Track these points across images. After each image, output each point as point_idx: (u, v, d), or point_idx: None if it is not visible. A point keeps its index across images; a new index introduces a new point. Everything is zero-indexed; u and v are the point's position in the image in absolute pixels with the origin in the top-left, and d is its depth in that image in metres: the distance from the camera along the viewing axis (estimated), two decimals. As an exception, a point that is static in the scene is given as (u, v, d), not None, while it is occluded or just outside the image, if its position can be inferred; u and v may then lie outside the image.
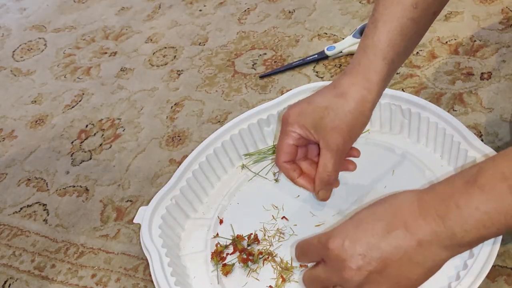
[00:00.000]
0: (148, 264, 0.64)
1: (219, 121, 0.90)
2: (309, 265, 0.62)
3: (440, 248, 0.44)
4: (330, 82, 0.61)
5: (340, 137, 0.58)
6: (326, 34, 1.01)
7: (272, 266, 0.65)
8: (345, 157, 0.63)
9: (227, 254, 0.67)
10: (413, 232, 0.45)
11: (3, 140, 1.01)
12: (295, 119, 0.60)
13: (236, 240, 0.68)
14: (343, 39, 0.96)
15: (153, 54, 1.10)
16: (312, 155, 0.65)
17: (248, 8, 1.14)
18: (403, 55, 0.60)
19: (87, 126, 0.98)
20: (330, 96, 0.59)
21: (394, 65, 0.59)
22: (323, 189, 0.62)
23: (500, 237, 0.56)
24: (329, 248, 0.47)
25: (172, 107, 0.96)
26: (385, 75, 0.58)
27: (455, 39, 0.90)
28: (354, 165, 0.65)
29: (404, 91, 0.81)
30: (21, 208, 0.87)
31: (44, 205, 0.86)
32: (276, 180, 0.75)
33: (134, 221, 0.69)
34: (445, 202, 0.44)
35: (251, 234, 0.68)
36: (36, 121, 1.03)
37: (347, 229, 0.48)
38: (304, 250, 0.53)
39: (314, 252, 0.51)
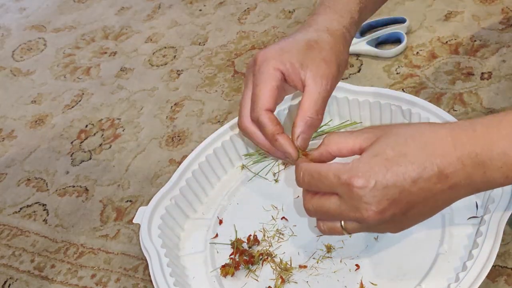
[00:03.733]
0: (148, 264, 0.64)
1: (219, 121, 0.90)
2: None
3: (470, 191, 0.44)
4: None
5: (330, 70, 0.52)
6: (326, 34, 1.01)
7: (271, 266, 0.65)
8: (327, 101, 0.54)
9: (231, 258, 0.67)
10: (448, 175, 0.43)
11: (3, 140, 1.01)
12: (276, 56, 0.52)
13: (237, 243, 0.67)
14: (343, 39, 0.96)
15: (153, 54, 1.10)
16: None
17: (248, 8, 1.14)
18: (375, 3, 0.59)
19: (87, 126, 0.98)
20: (312, 32, 0.54)
21: (365, 11, 0.58)
22: (304, 133, 0.53)
23: (500, 237, 0.56)
24: (353, 186, 0.44)
25: (172, 107, 0.96)
26: (358, 20, 0.57)
27: (455, 39, 0.89)
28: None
29: (404, 91, 0.81)
30: (21, 208, 0.87)
31: (44, 205, 0.86)
32: (276, 181, 0.75)
33: (134, 221, 0.69)
34: (488, 147, 0.42)
35: (250, 235, 0.68)
36: (36, 121, 1.03)
37: (374, 169, 0.44)
38: (314, 181, 0.47)
39: (328, 186, 0.46)
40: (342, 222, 0.48)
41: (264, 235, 0.68)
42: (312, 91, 0.52)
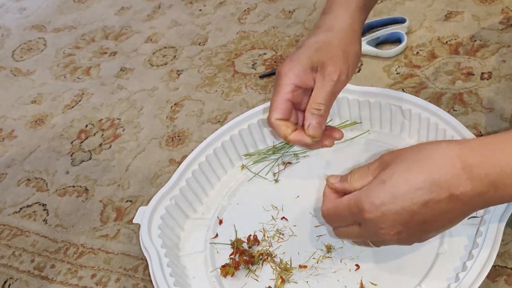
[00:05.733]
0: (148, 264, 0.64)
1: (219, 121, 0.90)
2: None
3: (484, 205, 0.46)
4: None
5: (337, 67, 0.57)
6: (326, 34, 1.01)
7: (271, 266, 0.65)
8: (337, 94, 0.60)
9: (231, 258, 0.67)
10: (458, 196, 0.45)
11: (3, 140, 1.01)
12: (288, 70, 0.58)
13: (237, 243, 0.67)
14: (343, 39, 0.96)
15: (153, 54, 1.10)
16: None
17: (248, 8, 1.14)
18: None
19: (87, 126, 0.98)
20: (319, 34, 0.59)
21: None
22: (313, 123, 0.58)
23: (500, 237, 0.56)
24: (366, 218, 0.47)
25: (172, 107, 0.96)
26: (363, 3, 0.60)
27: (455, 39, 0.90)
28: (332, 141, 0.63)
29: (404, 91, 0.81)
30: (21, 208, 0.87)
31: (44, 205, 0.86)
32: (276, 181, 0.75)
33: (134, 221, 0.69)
34: (497, 168, 0.43)
35: (250, 235, 0.68)
36: (36, 121, 1.03)
37: (381, 197, 0.46)
38: (334, 218, 0.53)
39: (347, 219, 0.51)
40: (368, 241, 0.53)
41: (264, 235, 0.68)
42: (317, 87, 0.57)
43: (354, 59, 0.59)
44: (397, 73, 0.87)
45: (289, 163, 0.76)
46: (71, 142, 0.96)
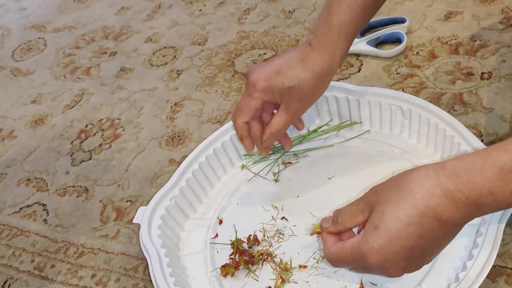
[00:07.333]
0: (148, 264, 0.64)
1: (219, 121, 0.90)
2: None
3: (472, 219, 0.49)
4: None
5: (301, 104, 0.66)
6: (326, 34, 1.01)
7: (271, 266, 0.65)
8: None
9: (231, 258, 0.67)
10: (446, 220, 0.48)
11: (3, 140, 1.01)
12: (263, 86, 0.65)
13: (237, 243, 0.67)
14: (343, 39, 0.95)
15: (153, 54, 1.10)
16: (267, 112, 0.70)
17: (248, 8, 1.14)
18: (360, 29, 0.67)
19: (87, 126, 0.98)
20: (299, 69, 0.64)
21: (353, 39, 0.66)
22: (269, 140, 0.68)
23: (500, 237, 0.56)
24: (370, 264, 0.50)
25: (172, 107, 0.96)
26: (345, 51, 0.66)
27: (455, 39, 0.89)
28: (303, 124, 0.75)
29: (404, 91, 0.81)
30: (21, 208, 0.87)
31: (44, 205, 0.86)
32: (276, 180, 0.75)
33: (134, 221, 0.69)
34: (478, 190, 0.46)
35: (250, 235, 0.68)
36: (36, 121, 1.03)
37: (379, 242, 0.49)
38: (339, 263, 0.55)
39: (352, 264, 0.54)
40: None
41: (264, 235, 0.68)
42: (281, 116, 0.66)
43: (318, 96, 0.67)
44: (397, 73, 0.87)
45: (289, 163, 0.76)
46: (71, 142, 0.96)
